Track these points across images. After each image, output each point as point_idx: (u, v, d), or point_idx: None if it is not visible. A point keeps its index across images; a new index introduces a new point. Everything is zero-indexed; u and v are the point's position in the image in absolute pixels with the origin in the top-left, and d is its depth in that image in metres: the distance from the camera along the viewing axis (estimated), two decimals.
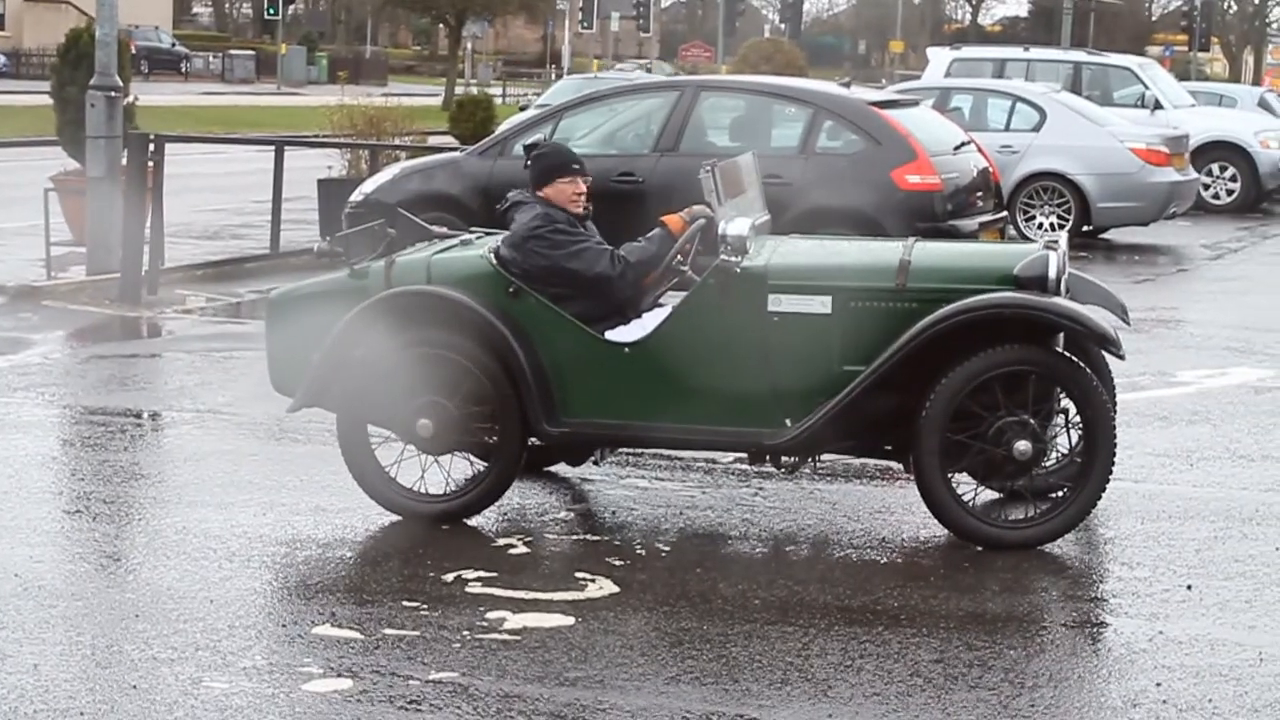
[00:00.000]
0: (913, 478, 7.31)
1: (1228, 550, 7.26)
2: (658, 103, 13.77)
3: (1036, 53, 27.90)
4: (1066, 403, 7.29)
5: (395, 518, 7.48)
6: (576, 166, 7.70)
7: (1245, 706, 5.49)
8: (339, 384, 7.45)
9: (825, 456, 8.31)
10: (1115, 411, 7.31)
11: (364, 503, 7.65)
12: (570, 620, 6.19)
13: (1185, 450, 9.11)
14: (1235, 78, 76.14)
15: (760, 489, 8.12)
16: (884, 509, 7.86)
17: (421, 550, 7.06)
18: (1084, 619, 6.35)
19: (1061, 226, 19.63)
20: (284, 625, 6.09)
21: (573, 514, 7.69)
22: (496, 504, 7.69)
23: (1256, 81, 66.35)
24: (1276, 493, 8.33)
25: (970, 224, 13.15)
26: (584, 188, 7.69)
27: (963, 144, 13.99)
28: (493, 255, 7.48)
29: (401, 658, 5.77)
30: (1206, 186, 25.13)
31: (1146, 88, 25.71)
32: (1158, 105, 25.15)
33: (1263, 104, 31.04)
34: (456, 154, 14.99)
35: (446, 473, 7.62)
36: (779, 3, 59.12)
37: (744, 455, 7.67)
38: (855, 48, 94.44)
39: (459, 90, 50.28)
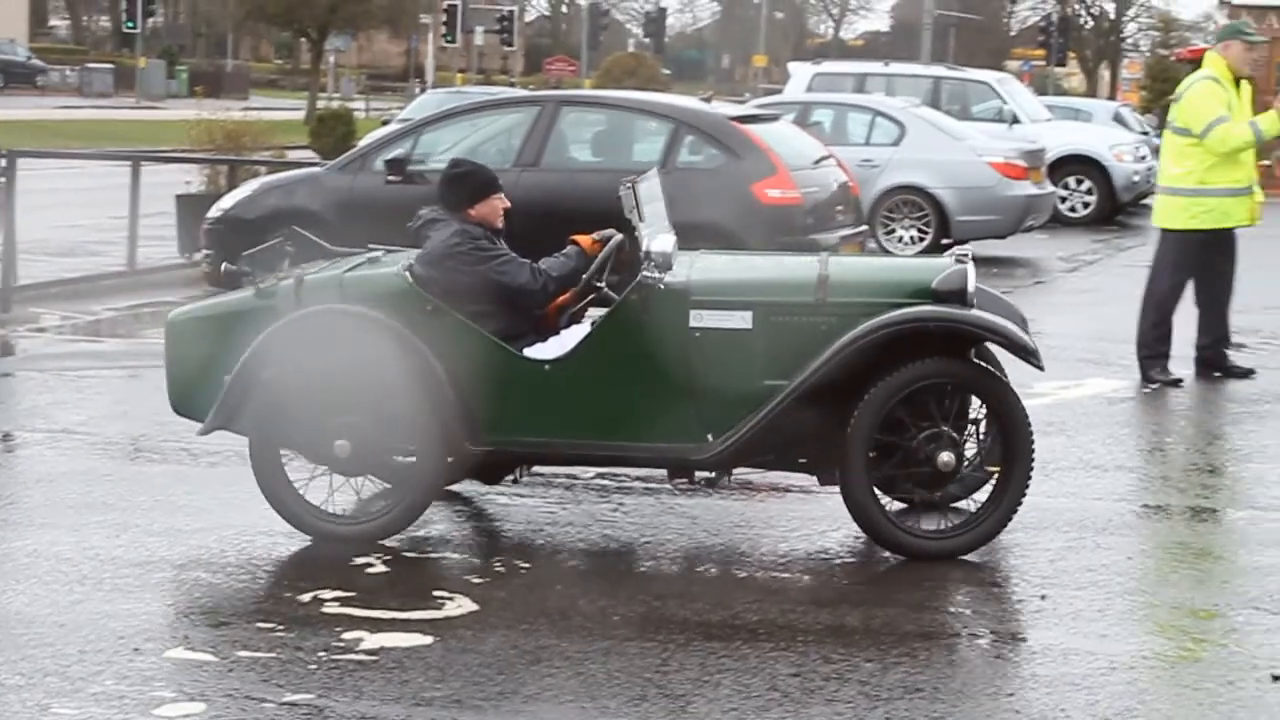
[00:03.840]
0: (824, 489, 7.55)
1: (1081, 560, 7.36)
2: (519, 118, 13.75)
3: (896, 68, 28.16)
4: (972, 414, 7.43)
5: (250, 539, 7.39)
6: (500, 183, 7.74)
7: (1097, 715, 5.55)
8: (252, 405, 7.32)
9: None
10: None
11: (220, 523, 7.57)
12: (428, 639, 6.15)
13: (1040, 461, 9.09)
14: (1092, 92, 77.33)
15: (620, 504, 8.12)
16: (744, 523, 7.88)
17: (278, 571, 6.98)
18: (939, 630, 6.40)
19: (922, 240, 19.85)
20: (136, 649, 5.99)
21: (432, 532, 7.63)
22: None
23: (1112, 96, 67.45)
24: (1128, 502, 8.46)
25: (831, 238, 13.24)
26: (506, 203, 7.72)
27: (822, 158, 14.09)
28: (407, 273, 7.42)
29: (255, 680, 5.70)
30: (1063, 199, 25.49)
31: (1004, 102, 26.06)
32: (1015, 120, 25.51)
33: (1118, 118, 31.57)
34: (316, 169, 14.88)
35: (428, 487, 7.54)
36: (643, 17, 59.24)
37: (644, 470, 7.74)
38: (719, 61, 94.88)
39: (321, 104, 49.93)
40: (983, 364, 7.39)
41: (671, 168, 13.04)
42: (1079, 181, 26.11)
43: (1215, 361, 11.81)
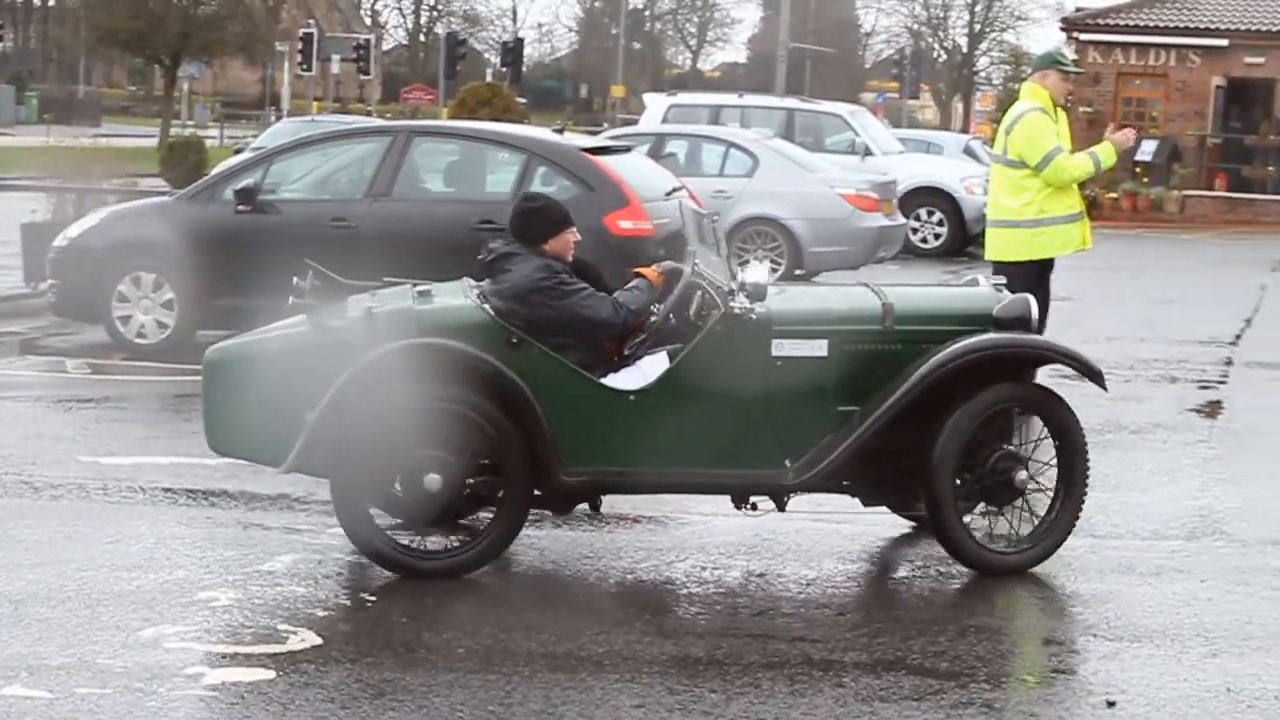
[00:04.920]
0: (863, 509, 7.94)
1: (925, 588, 7.46)
2: (371, 148, 13.69)
3: (751, 99, 28.41)
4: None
5: (91, 573, 7.28)
6: (572, 217, 7.81)
7: None
8: (337, 442, 7.20)
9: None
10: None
11: (60, 557, 7.46)
12: (270, 674, 6.09)
13: None
14: (945, 125, 78.38)
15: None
16: (591, 554, 7.89)
17: (119, 606, 6.87)
18: (783, 660, 6.43)
19: (775, 271, 19.98)
20: None
21: (277, 565, 7.56)
22: (199, 555, 7.58)
23: (965, 128, 68.41)
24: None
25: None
26: (577, 236, 7.81)
27: (674, 189, 14.16)
28: (486, 306, 7.39)
29: (93, 719, 5.61)
30: (915, 231, 25.78)
31: (857, 134, 26.33)
32: (868, 152, 25.76)
33: (968, 151, 32.01)
34: (165, 198, 14.74)
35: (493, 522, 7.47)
36: (500, 46, 59.17)
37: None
38: (577, 92, 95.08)
39: (175, 132, 49.41)
40: (1051, 388, 7.79)
41: None
42: (930, 213, 26.42)
43: None
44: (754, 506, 7.72)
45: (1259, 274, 23.85)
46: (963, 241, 26.43)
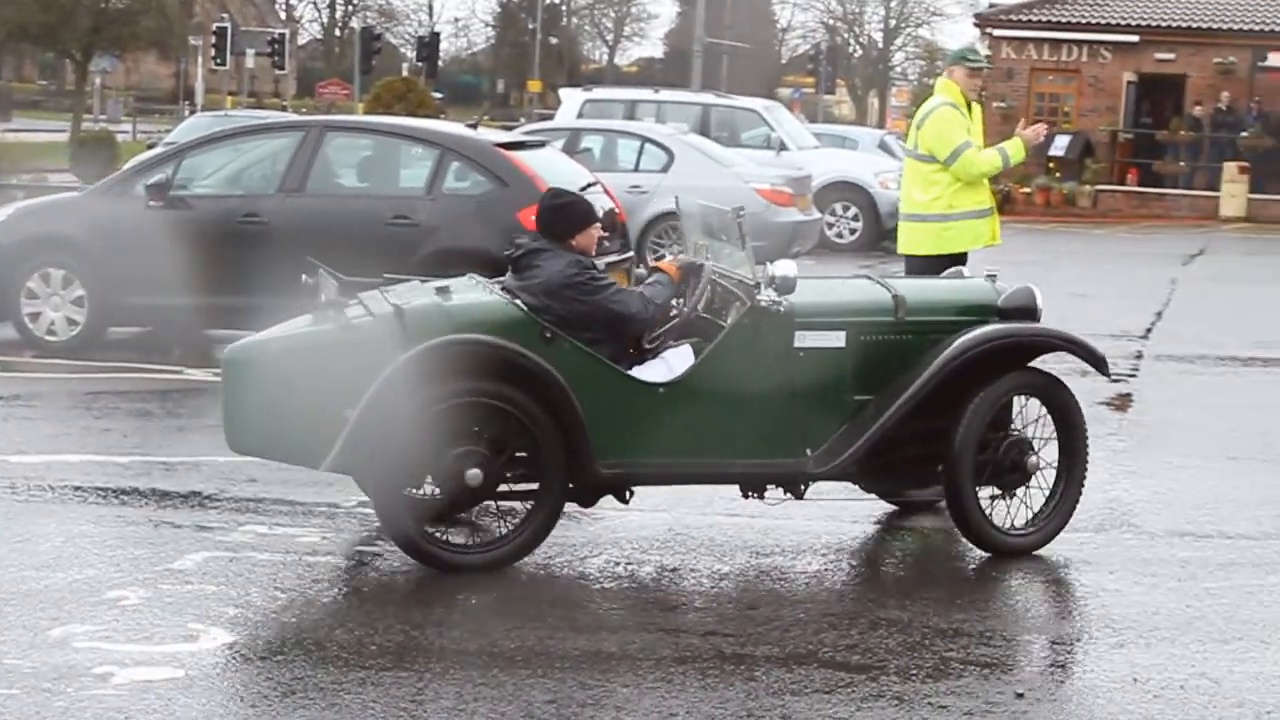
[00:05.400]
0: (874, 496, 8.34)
1: (838, 581, 7.50)
2: (284, 143, 13.61)
3: (666, 94, 28.43)
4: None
5: (0, 572, 7.23)
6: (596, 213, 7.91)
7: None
8: (375, 438, 7.16)
9: None
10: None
11: None
12: (180, 673, 6.06)
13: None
14: (861, 120, 78.73)
15: (381, 533, 8.06)
16: None
17: (27, 606, 6.81)
18: (695, 654, 6.45)
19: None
20: None
21: (188, 563, 7.50)
22: (109, 554, 7.52)
23: (881, 123, 68.78)
24: (885, 525, 8.60)
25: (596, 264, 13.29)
26: (603, 232, 7.79)
27: (589, 185, 14.15)
28: (519, 302, 7.43)
29: None
30: (830, 226, 25.87)
31: (772, 129, 26.39)
32: (783, 147, 25.84)
33: (883, 146, 32.16)
34: (76, 193, 14.60)
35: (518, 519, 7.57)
36: (416, 41, 58.93)
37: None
38: (494, 87, 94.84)
39: (87, 126, 48.97)
40: (1058, 376, 8.04)
41: (437, 194, 13.04)
42: (845, 208, 26.52)
43: None
44: (762, 496, 7.83)
45: (1170, 268, 24.10)
46: (878, 236, 26.53)
